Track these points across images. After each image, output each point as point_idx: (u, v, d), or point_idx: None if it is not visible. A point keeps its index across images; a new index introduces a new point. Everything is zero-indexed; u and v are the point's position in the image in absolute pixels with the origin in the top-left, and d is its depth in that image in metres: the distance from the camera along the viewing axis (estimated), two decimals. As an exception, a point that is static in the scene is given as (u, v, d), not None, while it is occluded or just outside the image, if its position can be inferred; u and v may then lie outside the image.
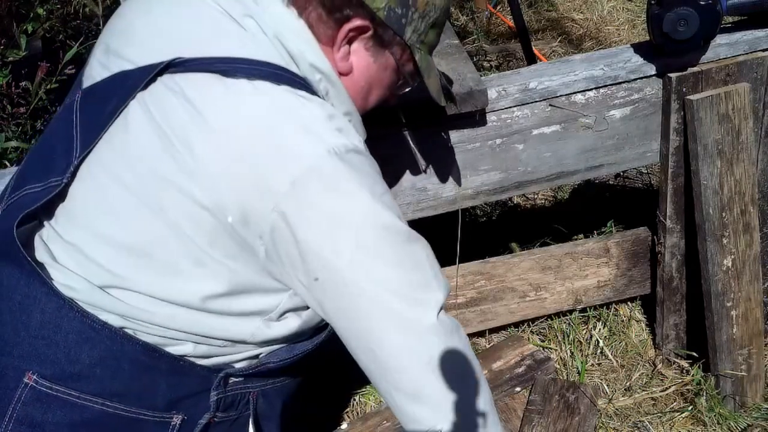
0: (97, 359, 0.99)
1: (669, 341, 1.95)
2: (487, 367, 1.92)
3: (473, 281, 1.88)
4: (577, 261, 1.91)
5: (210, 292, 1.01)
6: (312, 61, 1.05)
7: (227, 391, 1.10)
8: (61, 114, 1.12)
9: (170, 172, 0.97)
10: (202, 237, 0.98)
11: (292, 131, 0.97)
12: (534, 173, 1.72)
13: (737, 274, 1.74)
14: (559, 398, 1.83)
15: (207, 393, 1.07)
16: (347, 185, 0.98)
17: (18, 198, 1.06)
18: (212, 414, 1.08)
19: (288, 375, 1.20)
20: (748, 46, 1.66)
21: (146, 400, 1.02)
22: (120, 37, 1.10)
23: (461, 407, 1.06)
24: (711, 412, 1.81)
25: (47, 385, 0.98)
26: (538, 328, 2.11)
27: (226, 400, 1.10)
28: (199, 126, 0.97)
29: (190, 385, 1.06)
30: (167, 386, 1.03)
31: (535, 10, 4.39)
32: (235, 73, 0.99)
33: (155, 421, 1.04)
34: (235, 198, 0.96)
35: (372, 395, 1.97)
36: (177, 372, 1.04)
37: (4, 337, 0.99)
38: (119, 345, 0.99)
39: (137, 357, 1.00)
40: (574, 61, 1.69)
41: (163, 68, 1.01)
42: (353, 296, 1.00)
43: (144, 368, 1.01)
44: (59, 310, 0.98)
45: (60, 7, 2.33)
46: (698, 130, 1.62)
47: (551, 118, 1.67)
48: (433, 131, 1.61)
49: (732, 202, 1.68)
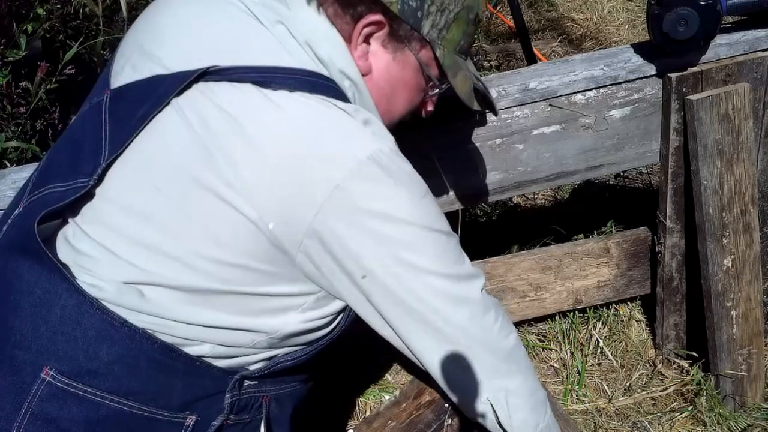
0: (116, 357, 0.99)
1: (669, 341, 1.95)
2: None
3: (473, 281, 1.88)
4: (577, 261, 1.91)
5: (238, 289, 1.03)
6: (341, 67, 1.06)
7: (242, 394, 1.10)
8: (87, 113, 1.11)
9: (209, 180, 0.98)
10: (239, 243, 0.99)
11: (331, 140, 0.99)
12: (534, 173, 1.72)
13: (737, 274, 1.74)
14: None
15: (222, 395, 1.08)
16: (387, 189, 1.00)
17: (41, 195, 1.06)
18: (226, 416, 1.08)
19: (301, 377, 1.21)
20: (748, 46, 1.66)
21: (162, 399, 1.02)
22: (150, 37, 1.10)
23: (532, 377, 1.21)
24: (711, 412, 1.82)
25: (64, 381, 0.98)
26: (538, 328, 2.11)
27: (240, 402, 1.10)
28: (240, 137, 0.98)
29: (206, 387, 1.06)
30: (183, 386, 1.04)
31: (535, 10, 4.39)
32: (272, 83, 1.00)
33: (169, 421, 1.04)
34: (277, 207, 0.97)
35: (372, 395, 1.97)
36: (193, 373, 1.04)
37: (23, 331, 0.99)
38: (138, 344, 0.99)
39: (155, 356, 1.01)
40: (574, 61, 1.69)
41: (199, 75, 1.01)
42: (403, 291, 1.06)
43: (161, 368, 1.01)
44: (80, 306, 0.98)
45: (60, 7, 2.33)
46: (698, 130, 1.62)
47: (551, 118, 1.67)
48: (433, 131, 1.61)
49: (732, 202, 1.68)
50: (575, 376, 1.98)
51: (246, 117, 0.98)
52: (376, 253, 1.02)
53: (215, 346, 1.05)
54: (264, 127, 0.98)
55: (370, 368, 2.04)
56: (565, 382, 1.97)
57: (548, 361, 2.05)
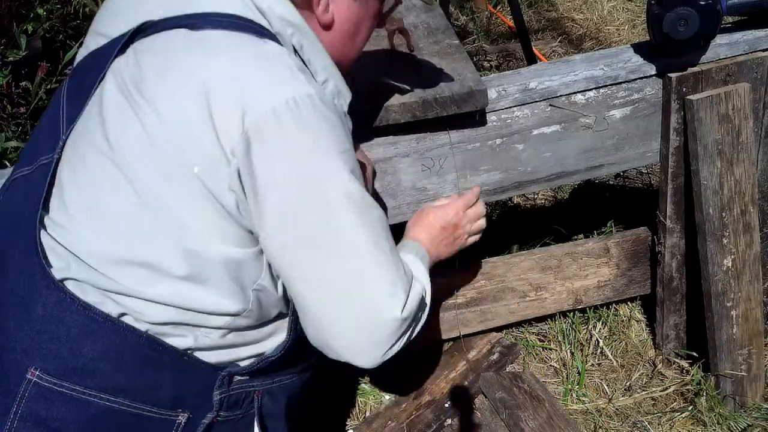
0: (100, 353, 0.97)
1: (669, 341, 1.95)
2: (463, 358, 1.98)
3: (473, 281, 1.88)
4: (577, 261, 1.91)
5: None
6: (281, 13, 1.05)
7: (231, 390, 1.09)
8: (51, 102, 1.13)
9: (138, 132, 0.97)
10: (179, 195, 0.97)
11: (255, 78, 0.97)
12: (534, 173, 1.72)
13: (737, 274, 1.74)
14: (518, 390, 1.86)
15: (211, 392, 1.07)
16: (304, 135, 0.96)
17: (9, 183, 1.08)
18: (215, 413, 1.07)
19: (293, 370, 1.19)
20: (748, 46, 1.67)
21: (151, 395, 1.01)
22: (103, 19, 1.14)
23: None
24: (711, 412, 1.82)
25: (51, 381, 0.97)
26: (538, 328, 2.11)
27: (230, 399, 1.09)
28: (163, 79, 0.98)
29: (195, 382, 1.05)
30: (172, 382, 1.03)
31: (535, 10, 4.39)
32: (200, 27, 1.00)
33: (160, 419, 1.03)
34: (199, 147, 0.95)
35: (372, 395, 1.97)
36: (181, 367, 1.03)
37: (7, 332, 0.99)
38: (122, 338, 0.98)
39: (141, 350, 0.99)
40: (574, 61, 1.69)
41: (134, 34, 1.03)
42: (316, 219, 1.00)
43: (148, 362, 1.00)
44: (60, 303, 0.97)
45: (60, 7, 2.33)
46: (698, 130, 1.62)
47: (551, 118, 1.67)
48: (433, 131, 1.61)
49: (732, 202, 1.68)
50: (575, 376, 1.98)
51: (170, 58, 0.99)
52: (283, 192, 0.97)
53: (198, 337, 1.03)
54: (186, 64, 0.98)
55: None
56: (565, 382, 1.97)
57: (548, 361, 2.05)
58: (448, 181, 1.66)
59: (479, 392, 1.91)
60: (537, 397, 1.84)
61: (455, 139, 1.63)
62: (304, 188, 0.97)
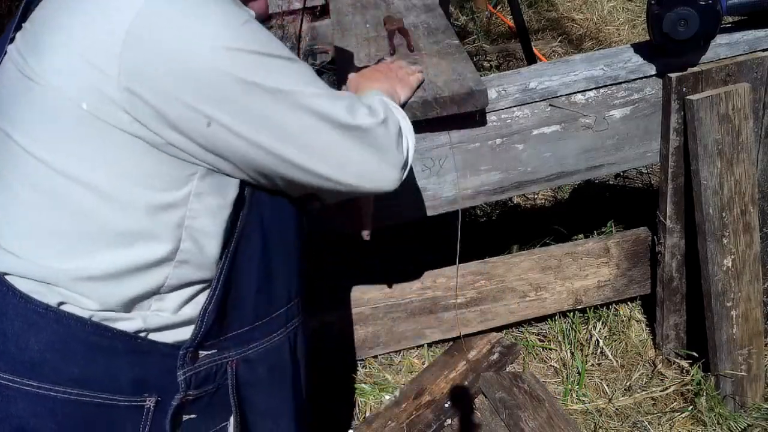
0: (46, 345, 0.95)
1: (669, 341, 1.95)
2: (463, 358, 1.99)
3: (473, 281, 1.88)
4: (577, 261, 1.91)
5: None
6: None
7: (198, 367, 1.04)
8: None
9: (32, 101, 0.94)
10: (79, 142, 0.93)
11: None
12: (534, 173, 1.72)
13: (737, 274, 1.74)
14: (518, 390, 1.86)
15: (175, 371, 1.02)
16: (189, 20, 0.91)
17: None
18: (183, 393, 1.03)
19: (270, 330, 1.12)
20: (748, 46, 1.67)
21: (109, 383, 0.98)
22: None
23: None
24: (711, 412, 1.81)
25: (5, 378, 0.94)
26: (538, 328, 2.11)
27: (197, 376, 1.04)
28: (45, 27, 0.96)
29: (155, 364, 1.01)
30: (129, 367, 0.98)
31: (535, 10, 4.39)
32: None
33: (126, 406, 0.99)
34: (80, 80, 0.91)
35: (372, 395, 1.97)
36: (135, 351, 0.99)
37: None
38: (66, 327, 0.95)
39: (87, 338, 0.96)
40: (574, 61, 1.69)
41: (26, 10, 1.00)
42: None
43: (98, 349, 0.97)
44: (3, 297, 0.95)
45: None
46: (698, 130, 1.62)
47: (551, 118, 1.67)
48: (433, 131, 1.61)
49: (732, 202, 1.68)
50: (575, 376, 1.98)
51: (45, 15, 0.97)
52: (180, 93, 0.92)
53: (147, 317, 0.99)
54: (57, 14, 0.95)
55: (369, 368, 2.04)
56: (565, 382, 1.97)
57: (548, 361, 2.05)
58: (448, 181, 1.67)
59: (479, 392, 1.91)
60: (537, 397, 1.85)
61: (455, 139, 1.63)
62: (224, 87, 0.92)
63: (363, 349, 1.92)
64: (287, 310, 1.15)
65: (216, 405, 1.08)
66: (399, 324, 1.89)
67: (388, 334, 1.90)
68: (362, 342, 1.91)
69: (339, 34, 1.89)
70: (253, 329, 1.10)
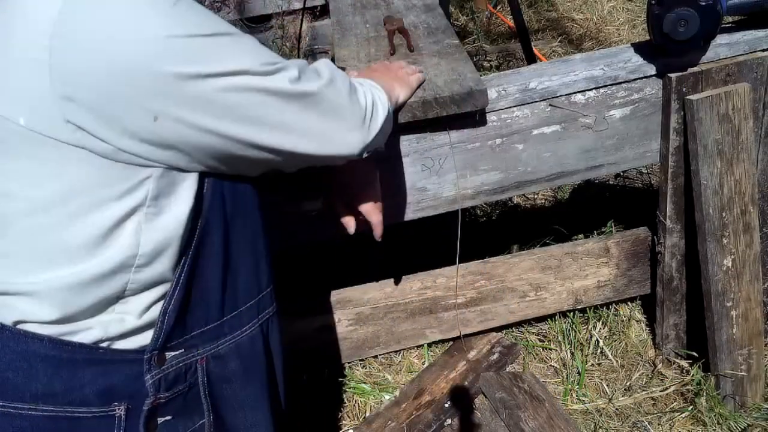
0: (7, 364, 0.93)
1: (669, 341, 1.95)
2: (463, 358, 2.00)
3: (473, 281, 1.88)
4: (577, 261, 1.91)
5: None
6: None
7: (166, 369, 1.02)
8: None
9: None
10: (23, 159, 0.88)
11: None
12: (534, 173, 1.72)
13: (737, 274, 1.74)
14: (518, 390, 1.87)
15: (142, 377, 1.00)
16: (114, 11, 0.85)
17: None
18: (154, 398, 1.01)
19: (237, 324, 1.10)
20: (748, 46, 1.67)
21: (74, 396, 0.96)
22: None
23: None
24: (711, 412, 1.81)
25: None
26: (538, 328, 2.11)
27: (166, 378, 1.02)
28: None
29: (120, 372, 0.99)
30: (93, 378, 0.96)
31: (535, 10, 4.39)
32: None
33: (96, 416, 0.98)
34: (12, 94, 0.86)
35: (372, 395, 1.97)
36: (99, 361, 0.97)
37: None
38: (24, 345, 0.94)
39: (47, 353, 0.94)
40: (574, 61, 1.69)
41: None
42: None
43: (58, 363, 0.95)
44: None
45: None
46: (698, 130, 1.62)
47: (551, 118, 1.67)
48: (433, 131, 1.61)
49: (732, 202, 1.68)
50: (575, 376, 1.98)
51: None
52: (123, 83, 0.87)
53: (108, 326, 0.97)
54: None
55: (369, 368, 2.04)
56: (565, 382, 1.97)
57: (548, 361, 2.05)
58: (448, 181, 1.67)
59: (479, 392, 1.91)
60: (537, 397, 1.85)
61: (455, 139, 1.63)
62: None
63: (363, 349, 1.92)
64: (258, 301, 1.13)
65: (191, 404, 1.07)
66: (399, 324, 1.89)
67: (388, 334, 1.90)
68: (362, 342, 1.91)
69: (339, 34, 1.89)
70: (220, 325, 1.08)
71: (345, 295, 1.86)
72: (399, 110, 1.45)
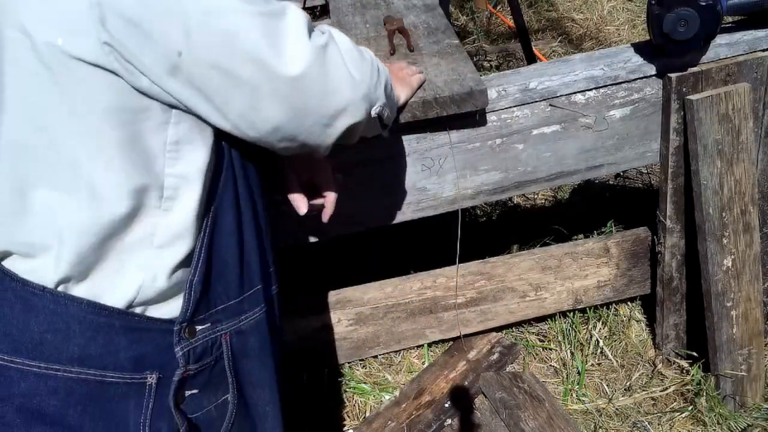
0: (46, 326, 0.96)
1: (669, 341, 1.95)
2: (463, 358, 2.00)
3: (473, 281, 1.88)
4: (577, 261, 1.91)
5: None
6: None
7: (194, 342, 1.06)
8: None
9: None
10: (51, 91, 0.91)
11: None
12: (534, 173, 1.72)
13: (737, 274, 1.74)
14: (518, 390, 1.87)
15: (173, 348, 1.03)
16: None
17: None
18: (184, 369, 1.04)
19: (256, 302, 1.14)
20: (748, 46, 1.67)
21: (108, 361, 0.99)
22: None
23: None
24: (711, 412, 1.81)
25: (6, 359, 0.96)
26: (538, 328, 2.11)
27: (195, 351, 1.06)
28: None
29: (153, 341, 1.02)
30: (128, 344, 1.00)
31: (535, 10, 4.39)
32: None
33: (127, 383, 1.01)
34: (49, 14, 0.89)
35: (372, 395, 1.97)
36: (133, 328, 1.00)
37: None
38: (63, 307, 0.97)
39: (84, 317, 0.97)
40: (574, 61, 1.69)
41: None
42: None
43: (96, 328, 0.98)
44: (1, 282, 0.97)
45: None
46: (698, 130, 1.62)
47: (551, 118, 1.67)
48: (433, 131, 1.61)
49: (732, 202, 1.68)
50: (575, 376, 1.98)
51: None
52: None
53: (142, 287, 0.99)
54: None
55: (369, 368, 2.04)
56: (565, 382, 1.97)
57: (548, 361, 2.05)
58: (448, 181, 1.67)
59: (479, 392, 1.92)
60: (537, 397, 1.85)
61: (455, 139, 1.63)
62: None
63: (363, 349, 1.92)
64: (268, 279, 1.16)
65: (215, 378, 1.10)
66: (399, 324, 1.89)
67: (388, 334, 1.90)
68: (362, 342, 1.91)
69: (339, 34, 1.89)
70: (241, 302, 1.11)
71: (345, 295, 1.86)
72: (400, 111, 1.45)
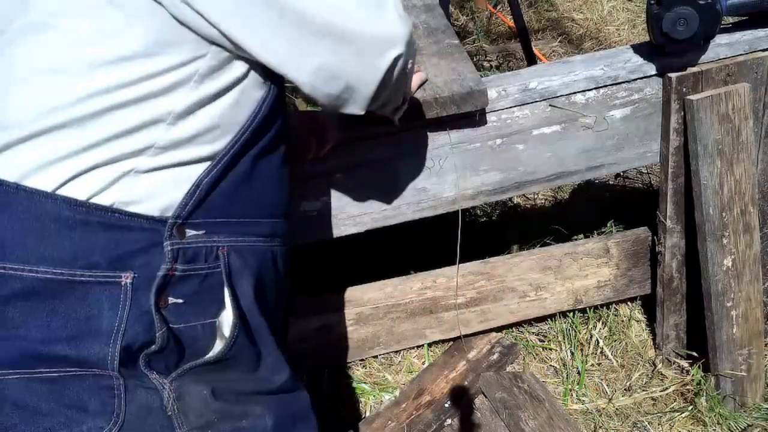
0: (19, 225, 0.91)
1: (669, 341, 1.95)
2: (463, 358, 2.00)
3: (473, 281, 1.88)
4: (577, 261, 1.91)
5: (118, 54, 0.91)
6: None
7: (186, 244, 0.99)
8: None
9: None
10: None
11: None
12: (534, 173, 1.72)
13: (737, 274, 1.74)
14: (518, 390, 1.87)
15: (159, 247, 0.96)
16: None
17: None
18: (170, 265, 0.97)
19: (258, 230, 1.10)
20: (748, 46, 1.67)
21: (81, 259, 0.93)
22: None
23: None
24: (711, 412, 1.82)
25: None
26: (538, 328, 2.11)
27: (185, 252, 0.99)
28: None
29: (135, 240, 0.96)
30: (105, 242, 0.94)
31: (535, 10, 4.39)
32: None
33: (99, 282, 0.94)
34: None
35: (372, 395, 1.97)
36: (114, 226, 0.94)
37: None
38: (38, 204, 0.91)
39: (61, 213, 0.92)
40: (574, 61, 1.69)
41: None
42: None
43: (72, 225, 0.92)
44: None
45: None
46: (698, 130, 1.62)
47: (551, 118, 1.67)
48: (433, 131, 1.61)
49: (732, 202, 1.68)
50: (575, 376, 1.98)
51: None
52: None
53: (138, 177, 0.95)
54: None
55: (369, 368, 2.04)
56: (565, 382, 1.98)
57: (548, 361, 2.05)
58: (448, 181, 1.67)
59: (479, 392, 1.92)
60: (537, 397, 1.85)
61: (455, 139, 1.63)
62: None
63: (363, 349, 1.92)
64: (273, 224, 1.12)
65: (205, 294, 1.01)
66: (399, 324, 1.89)
67: (388, 334, 1.90)
68: (362, 342, 1.91)
69: (339, 34, 1.89)
70: (240, 223, 1.06)
71: (345, 295, 1.86)
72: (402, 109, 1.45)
